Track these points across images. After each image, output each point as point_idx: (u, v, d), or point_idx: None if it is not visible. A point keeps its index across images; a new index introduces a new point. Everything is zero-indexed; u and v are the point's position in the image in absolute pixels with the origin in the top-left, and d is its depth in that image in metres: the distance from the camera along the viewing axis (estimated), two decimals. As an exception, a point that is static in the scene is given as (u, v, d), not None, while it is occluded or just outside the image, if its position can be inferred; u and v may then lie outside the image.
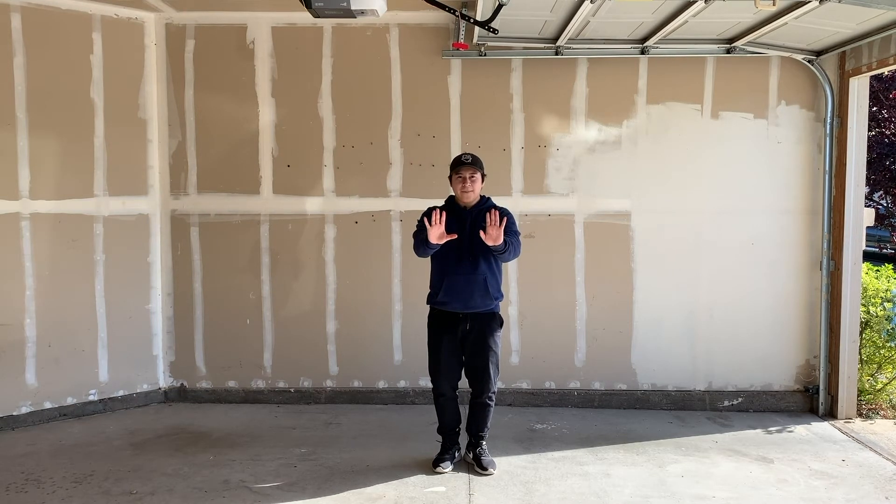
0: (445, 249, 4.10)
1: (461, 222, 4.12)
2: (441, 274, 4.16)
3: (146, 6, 5.15)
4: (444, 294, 4.14)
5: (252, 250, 5.44)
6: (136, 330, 5.39)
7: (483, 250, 4.08)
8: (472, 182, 4.13)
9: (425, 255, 4.13)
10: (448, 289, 4.12)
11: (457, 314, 4.15)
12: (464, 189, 4.13)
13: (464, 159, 4.15)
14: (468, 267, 4.09)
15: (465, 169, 4.13)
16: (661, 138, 5.31)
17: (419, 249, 4.10)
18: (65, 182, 5.07)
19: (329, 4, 3.66)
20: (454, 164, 4.20)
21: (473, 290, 4.11)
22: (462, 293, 4.11)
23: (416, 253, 4.15)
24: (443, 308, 4.18)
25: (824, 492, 3.98)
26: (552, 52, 5.11)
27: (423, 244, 4.04)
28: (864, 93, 5.10)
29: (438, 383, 4.23)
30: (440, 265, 4.18)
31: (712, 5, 3.95)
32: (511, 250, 4.05)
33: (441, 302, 4.17)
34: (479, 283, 4.11)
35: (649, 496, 3.90)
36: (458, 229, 4.08)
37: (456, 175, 4.17)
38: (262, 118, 5.37)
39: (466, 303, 4.12)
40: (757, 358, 5.38)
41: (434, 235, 3.97)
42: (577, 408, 5.39)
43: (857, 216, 5.12)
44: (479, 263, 4.10)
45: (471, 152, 4.24)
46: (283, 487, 3.97)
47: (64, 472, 4.15)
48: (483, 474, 4.13)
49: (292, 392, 5.50)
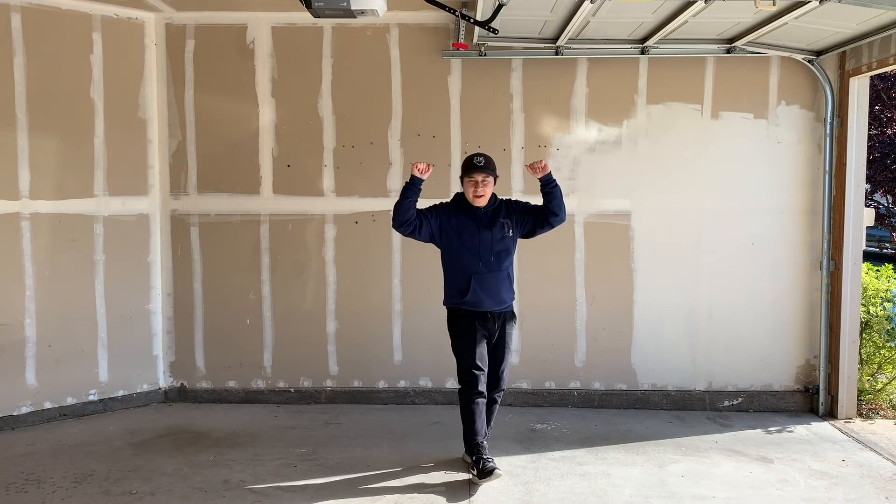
0: (468, 249, 4.05)
1: (479, 222, 4.08)
2: (464, 274, 4.05)
3: (146, 6, 5.15)
4: (473, 294, 4.03)
5: (252, 250, 5.44)
6: (136, 330, 5.39)
7: (506, 247, 4.08)
8: (483, 186, 4.04)
9: (405, 213, 3.95)
10: (478, 288, 4.03)
11: (487, 313, 4.08)
12: (476, 193, 4.04)
13: (476, 162, 4.04)
14: (493, 264, 4.06)
15: (477, 173, 4.03)
16: (661, 138, 5.31)
17: (399, 204, 3.95)
18: (65, 182, 5.07)
19: (329, 4, 3.66)
20: (466, 166, 4.09)
21: (500, 287, 4.08)
22: (492, 290, 4.06)
23: (395, 216, 3.95)
24: (474, 308, 4.06)
25: (824, 492, 3.98)
26: (552, 52, 5.11)
27: (405, 190, 3.96)
28: (864, 93, 5.10)
29: (474, 385, 4.03)
30: (461, 266, 4.07)
31: (712, 5, 3.95)
32: (560, 192, 4.06)
33: (471, 302, 4.05)
34: (505, 279, 4.10)
35: (649, 496, 3.89)
36: (479, 229, 4.05)
37: (468, 178, 4.06)
38: (262, 118, 5.37)
39: (497, 300, 4.08)
40: (757, 358, 5.38)
41: (418, 171, 3.99)
42: (577, 408, 5.39)
43: (857, 216, 5.12)
44: (502, 260, 4.08)
45: (483, 153, 4.12)
46: (283, 487, 3.97)
47: (64, 472, 4.15)
48: (487, 479, 3.95)
49: (292, 392, 5.50)
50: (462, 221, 4.06)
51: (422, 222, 4.02)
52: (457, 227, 4.08)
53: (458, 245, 4.08)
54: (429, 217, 4.06)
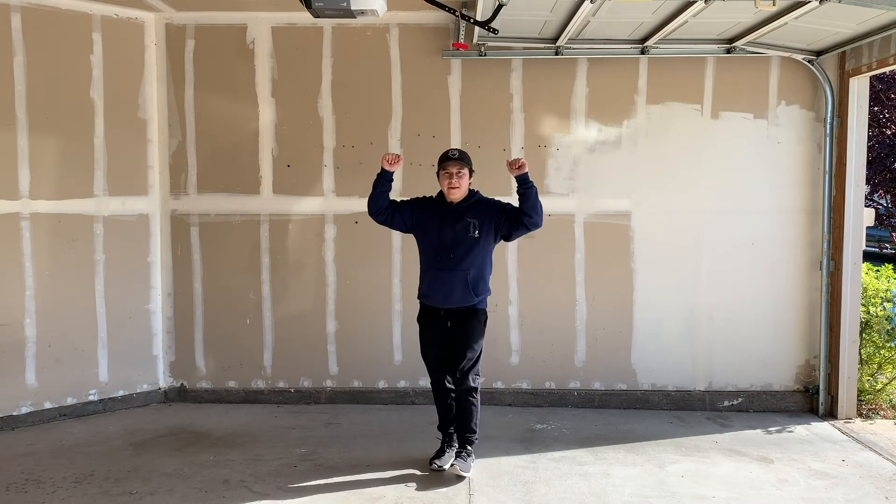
0: (428, 244, 4.14)
1: (446, 218, 4.11)
2: (425, 268, 4.19)
3: (146, 6, 5.15)
4: (426, 288, 4.18)
5: (252, 250, 5.44)
6: (136, 330, 5.39)
7: (468, 247, 4.06)
8: (458, 178, 4.08)
9: (374, 202, 4.11)
10: (430, 284, 4.15)
11: (438, 309, 4.16)
12: (450, 185, 4.09)
13: (450, 154, 4.13)
14: (452, 263, 4.07)
15: (451, 164, 4.09)
16: (660, 138, 5.31)
17: (371, 194, 4.12)
18: (65, 182, 5.07)
19: (329, 4, 3.66)
20: (441, 159, 4.16)
21: (454, 287, 4.09)
22: (442, 289, 4.11)
23: (368, 205, 4.13)
24: (425, 302, 4.22)
25: (824, 492, 3.98)
26: (552, 52, 5.11)
27: (376, 181, 4.09)
28: (864, 93, 5.10)
29: (430, 374, 4.27)
30: (426, 260, 4.19)
31: (712, 5, 3.94)
32: (536, 194, 4.03)
33: (423, 295, 4.21)
34: (461, 279, 4.08)
35: (649, 496, 3.89)
36: (442, 225, 4.09)
37: (443, 171, 4.12)
38: (262, 118, 5.37)
39: (447, 299, 4.11)
40: (757, 358, 5.38)
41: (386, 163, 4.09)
42: (577, 408, 5.39)
43: (857, 216, 5.12)
44: (461, 260, 4.07)
45: (458, 147, 4.22)
46: (283, 487, 3.97)
47: (64, 472, 4.15)
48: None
49: (292, 392, 5.50)
50: (430, 217, 4.13)
51: (394, 213, 4.17)
52: (424, 222, 4.15)
53: (422, 239, 4.19)
54: (403, 209, 4.19)
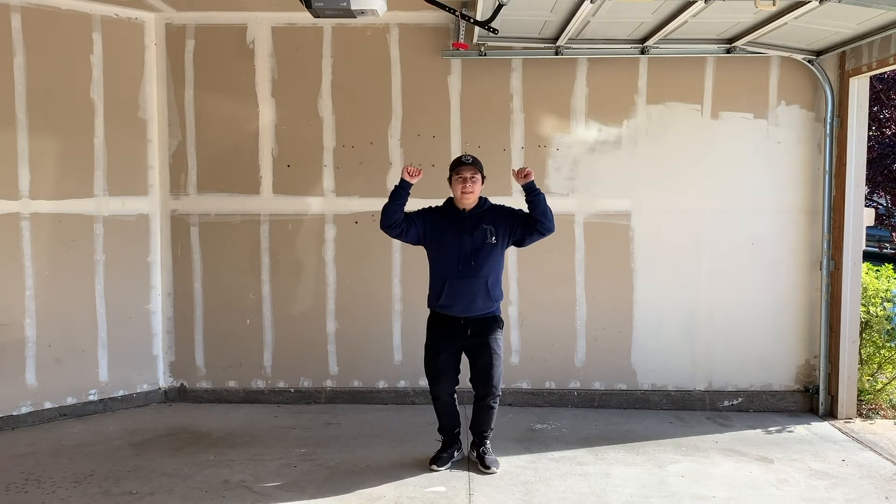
0: (446, 253, 4.08)
1: (460, 226, 4.09)
2: (442, 278, 4.12)
3: (146, 6, 5.15)
4: (445, 298, 4.10)
5: (252, 250, 5.44)
6: (136, 330, 5.39)
7: (487, 254, 4.05)
8: (472, 183, 4.08)
9: (391, 215, 4.01)
10: (450, 293, 4.08)
11: (458, 319, 4.11)
12: (464, 190, 4.08)
13: (464, 159, 4.12)
14: (470, 271, 4.05)
15: (465, 169, 4.09)
16: (660, 138, 5.31)
17: (387, 206, 4.02)
18: (65, 182, 5.07)
19: (329, 4, 3.66)
20: (454, 164, 4.17)
21: (476, 295, 4.07)
22: (464, 298, 4.07)
23: (382, 218, 4.03)
24: (445, 312, 4.13)
25: (824, 492, 3.98)
26: (552, 52, 5.11)
27: (394, 192, 4.03)
28: (864, 93, 5.10)
29: (435, 388, 4.21)
30: (441, 269, 4.13)
31: (712, 5, 3.95)
32: (544, 200, 4.02)
33: (443, 306, 4.12)
34: (481, 286, 4.07)
35: (649, 496, 3.90)
36: (460, 233, 4.07)
37: (456, 175, 4.12)
38: (261, 118, 5.37)
39: (469, 307, 4.08)
40: (757, 358, 5.38)
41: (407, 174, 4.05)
42: (577, 408, 5.39)
43: (857, 216, 5.12)
44: (481, 267, 4.06)
45: (471, 154, 4.23)
46: (283, 487, 3.97)
47: (64, 472, 4.15)
48: (486, 473, 4.13)
49: (292, 392, 5.50)
50: (445, 225, 4.10)
51: (409, 225, 4.09)
52: (440, 231, 4.11)
53: (438, 249, 4.13)
54: (416, 220, 4.12)
